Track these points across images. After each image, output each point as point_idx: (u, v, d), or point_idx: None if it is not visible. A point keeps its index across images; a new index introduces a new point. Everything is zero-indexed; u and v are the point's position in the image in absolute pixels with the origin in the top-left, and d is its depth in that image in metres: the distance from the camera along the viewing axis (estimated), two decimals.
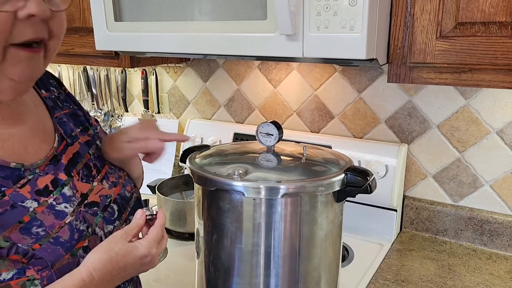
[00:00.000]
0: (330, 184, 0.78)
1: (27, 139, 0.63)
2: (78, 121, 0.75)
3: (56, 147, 0.66)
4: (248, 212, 0.78)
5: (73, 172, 0.67)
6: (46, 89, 0.73)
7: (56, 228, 0.59)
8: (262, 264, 0.80)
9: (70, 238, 0.60)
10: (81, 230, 0.62)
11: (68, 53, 1.38)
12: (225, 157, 0.90)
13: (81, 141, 0.72)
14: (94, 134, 0.77)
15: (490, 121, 1.12)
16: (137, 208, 0.75)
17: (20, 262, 0.55)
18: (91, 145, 0.74)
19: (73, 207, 0.63)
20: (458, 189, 1.19)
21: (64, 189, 0.63)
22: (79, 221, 0.62)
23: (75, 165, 0.68)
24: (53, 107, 0.72)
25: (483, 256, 1.13)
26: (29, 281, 0.55)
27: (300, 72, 1.35)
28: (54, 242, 0.58)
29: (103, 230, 0.66)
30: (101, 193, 0.69)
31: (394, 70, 0.91)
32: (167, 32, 1.04)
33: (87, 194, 0.67)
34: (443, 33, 0.83)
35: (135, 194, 0.77)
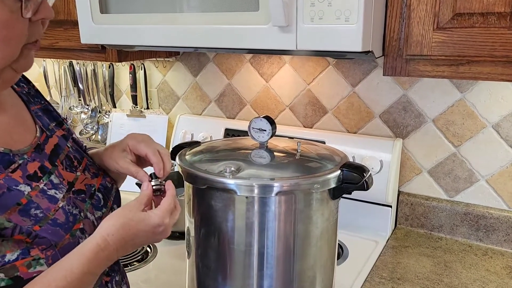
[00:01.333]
0: (325, 181, 0.75)
1: (11, 127, 0.64)
2: (52, 116, 0.75)
3: (38, 136, 0.67)
4: (241, 211, 0.75)
5: (56, 161, 0.68)
6: (17, 85, 0.72)
7: (52, 211, 0.61)
8: (255, 265, 0.77)
9: (67, 220, 0.62)
10: (74, 213, 0.64)
11: (53, 47, 1.33)
12: (216, 153, 0.87)
13: (58, 134, 0.72)
14: (68, 128, 0.77)
15: (486, 114, 1.10)
16: (118, 198, 0.78)
17: (24, 242, 0.56)
18: (68, 139, 0.74)
19: (63, 193, 0.64)
20: (453, 184, 1.18)
21: (51, 176, 0.64)
22: (71, 206, 0.64)
23: (58, 155, 0.69)
24: (28, 101, 0.71)
25: (479, 252, 1.11)
26: (34, 260, 0.57)
27: (293, 66, 1.32)
28: (53, 224, 0.60)
29: (94, 215, 0.68)
30: (85, 182, 0.70)
31: (390, 63, 0.88)
32: (156, 24, 1.00)
33: (73, 182, 0.68)
34: (440, 25, 0.81)
35: (115, 185, 0.78)
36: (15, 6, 0.55)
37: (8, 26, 0.55)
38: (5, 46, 0.56)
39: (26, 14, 0.56)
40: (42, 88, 1.85)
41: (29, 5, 0.56)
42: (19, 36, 0.57)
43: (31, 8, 0.57)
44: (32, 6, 0.57)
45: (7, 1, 0.54)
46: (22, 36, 0.58)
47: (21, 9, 0.56)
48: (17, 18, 0.56)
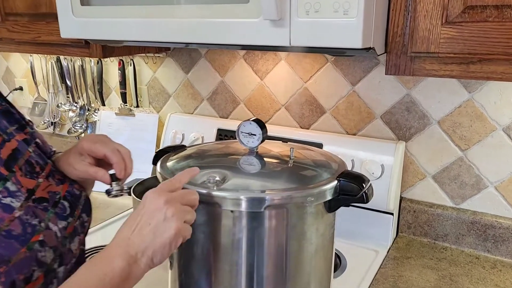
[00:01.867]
0: (320, 193, 0.68)
1: None
2: (13, 119, 0.68)
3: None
4: (226, 226, 0.67)
5: (14, 167, 0.61)
6: None
7: (6, 221, 0.56)
8: (243, 285, 0.70)
9: (24, 231, 0.57)
10: (33, 224, 0.59)
11: (35, 42, 1.25)
12: (201, 160, 0.80)
13: (18, 138, 0.65)
14: (32, 132, 0.70)
15: (496, 117, 1.02)
16: (88, 206, 0.71)
17: None
18: (30, 143, 0.67)
19: (20, 201, 0.59)
20: (459, 191, 1.10)
21: (6, 183, 0.58)
22: (29, 216, 0.59)
23: (16, 161, 0.62)
24: None
25: (487, 265, 1.04)
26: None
27: (289, 62, 1.24)
28: (7, 236, 0.55)
29: (57, 225, 0.62)
30: (48, 189, 0.64)
31: (393, 61, 0.80)
32: (141, 18, 0.92)
33: (33, 189, 0.62)
34: (450, 18, 0.73)
35: (84, 193, 0.72)
36: None
37: None
38: None
39: None
40: (30, 84, 1.77)
41: None
42: None
43: None
44: None
45: None
46: None
47: None
48: None
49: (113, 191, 0.69)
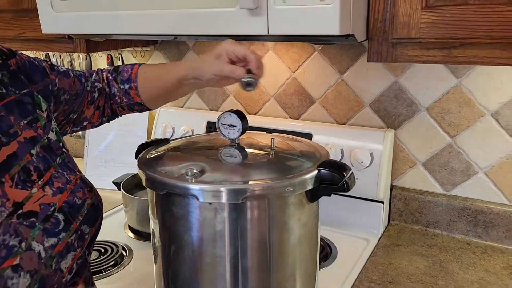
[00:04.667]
0: (300, 182, 0.67)
1: None
2: (24, 112, 0.64)
3: None
4: (206, 219, 0.67)
5: (4, 177, 0.57)
6: None
7: None
8: (227, 277, 0.70)
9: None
10: (10, 245, 0.54)
11: (20, 38, 1.24)
12: (183, 153, 0.79)
13: (23, 137, 0.62)
14: (44, 125, 0.66)
15: (485, 102, 1.01)
16: (92, 216, 0.66)
17: None
18: (36, 143, 0.63)
19: (1, 219, 0.54)
20: (450, 178, 1.09)
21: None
22: (8, 235, 0.53)
23: (9, 169, 0.58)
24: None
25: (477, 250, 1.03)
26: None
27: (276, 52, 1.22)
28: None
29: (43, 244, 0.57)
30: (41, 201, 0.59)
31: (375, 48, 0.79)
32: (122, 10, 0.91)
33: (22, 202, 0.57)
34: (430, 2, 0.72)
35: (89, 200, 0.66)
36: None
37: None
38: None
39: None
40: None
41: None
42: None
43: None
44: None
45: None
46: None
47: None
48: None
49: (247, 79, 0.73)
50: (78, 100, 0.81)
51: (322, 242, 1.09)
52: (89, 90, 0.83)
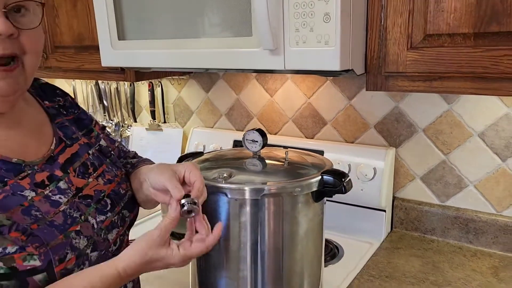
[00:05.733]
0: (306, 185, 0.85)
1: (26, 140, 0.74)
2: (82, 125, 0.86)
3: (53, 149, 0.76)
4: (232, 212, 0.86)
5: (69, 169, 0.77)
6: (49, 100, 0.83)
7: (51, 214, 0.69)
8: (248, 260, 0.88)
9: (64, 222, 0.70)
10: (74, 217, 0.72)
11: (79, 69, 1.49)
12: (215, 162, 0.99)
13: (82, 142, 0.82)
14: (97, 135, 0.87)
15: (472, 124, 1.17)
16: (131, 204, 0.85)
17: (20, 239, 0.64)
18: (92, 147, 0.84)
19: (68, 198, 0.73)
20: (444, 190, 1.25)
21: (59, 183, 0.73)
22: (73, 209, 0.72)
23: (73, 163, 0.78)
24: (55, 115, 0.82)
25: (468, 254, 1.18)
26: (29, 255, 0.64)
27: (294, 81, 1.43)
28: (50, 225, 0.68)
29: (95, 219, 0.75)
30: (96, 187, 0.79)
31: (372, 79, 0.98)
32: (164, 49, 1.13)
33: (82, 188, 0.76)
34: (413, 45, 0.90)
35: (130, 192, 0.86)
36: None
37: None
38: None
39: None
40: None
41: None
42: None
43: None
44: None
45: None
46: None
47: None
48: None
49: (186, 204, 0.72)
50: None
51: (331, 244, 1.26)
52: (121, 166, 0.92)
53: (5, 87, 0.67)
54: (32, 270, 0.64)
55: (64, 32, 1.46)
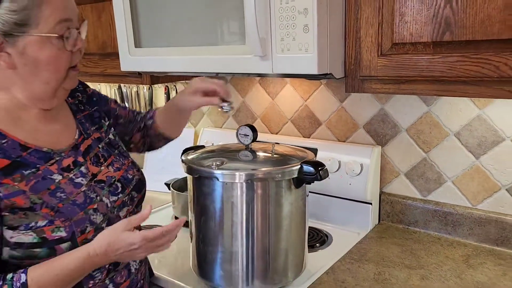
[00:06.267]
0: (286, 172, 1.00)
1: (60, 133, 0.92)
2: (94, 122, 1.03)
3: (76, 139, 0.94)
4: (225, 194, 1.00)
5: (87, 157, 0.94)
6: (72, 96, 1.01)
7: (74, 194, 0.86)
8: (239, 237, 1.02)
9: (84, 201, 0.86)
10: (91, 197, 0.88)
11: (103, 74, 1.67)
12: (213, 153, 1.14)
13: (94, 137, 0.99)
14: (106, 130, 1.04)
15: (449, 124, 1.29)
16: (138, 186, 1.02)
17: (49, 215, 0.81)
18: (102, 140, 1.01)
19: (87, 181, 0.90)
20: (425, 185, 1.36)
21: (81, 168, 0.90)
22: (91, 191, 0.89)
23: (89, 153, 0.95)
24: (76, 111, 1.00)
25: (445, 243, 1.28)
26: (57, 228, 0.81)
27: (293, 85, 1.57)
28: (72, 203, 0.84)
29: (109, 199, 0.92)
30: (107, 174, 0.95)
31: (350, 82, 1.11)
32: (174, 56, 1.30)
33: (96, 174, 0.93)
34: (383, 52, 1.03)
35: (137, 177, 1.02)
36: (60, 44, 0.82)
37: (57, 58, 0.83)
38: (55, 74, 0.85)
39: (68, 47, 0.84)
40: None
41: (68, 41, 0.84)
42: (65, 64, 0.85)
43: (70, 43, 0.84)
44: (71, 41, 0.84)
45: (54, 41, 0.82)
46: (66, 64, 0.85)
47: (63, 44, 0.83)
48: (63, 52, 0.83)
49: (226, 106, 1.04)
50: (131, 126, 1.19)
51: (321, 233, 1.39)
52: (138, 120, 1.21)
53: (74, 82, 0.91)
54: (59, 239, 0.81)
55: (91, 41, 1.65)
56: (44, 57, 0.82)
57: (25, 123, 0.86)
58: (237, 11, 1.11)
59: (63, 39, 0.82)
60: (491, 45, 0.88)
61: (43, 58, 0.82)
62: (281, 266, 1.06)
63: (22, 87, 0.85)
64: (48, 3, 0.80)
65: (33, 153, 0.84)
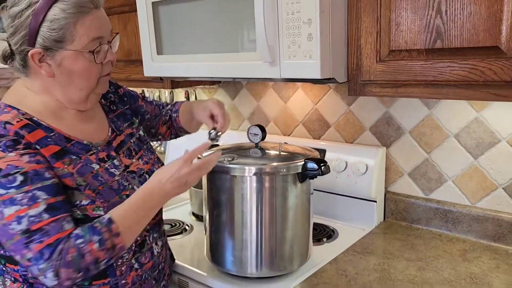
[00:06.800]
0: (290, 167, 1.09)
1: (96, 130, 1.06)
2: (126, 119, 1.16)
3: (109, 135, 1.08)
4: (235, 186, 1.11)
5: (119, 151, 1.07)
6: (104, 98, 1.15)
7: (110, 181, 0.99)
8: (248, 225, 1.12)
9: (118, 188, 1.00)
10: (124, 185, 1.01)
11: (128, 79, 1.81)
12: (226, 151, 1.25)
13: (126, 133, 1.13)
14: (136, 127, 1.17)
15: (449, 126, 1.36)
16: None
17: (91, 196, 0.94)
18: (133, 136, 1.14)
19: (120, 171, 1.03)
20: (427, 184, 1.43)
21: (114, 160, 1.04)
22: (123, 180, 1.02)
23: (122, 147, 1.09)
24: (108, 111, 1.13)
25: (445, 239, 1.35)
26: (97, 207, 0.94)
27: (304, 90, 1.67)
28: (110, 188, 0.98)
29: (139, 187, 1.02)
30: (138, 166, 1.09)
31: (352, 86, 1.20)
32: (193, 62, 1.42)
33: (128, 165, 1.06)
34: (381, 58, 1.12)
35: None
36: (91, 58, 0.95)
37: (89, 70, 0.96)
38: (87, 82, 0.98)
39: (98, 61, 0.97)
40: None
41: (99, 55, 0.96)
42: (95, 75, 0.98)
43: (100, 57, 0.97)
44: (101, 54, 0.97)
45: (86, 55, 0.94)
46: (97, 74, 0.98)
47: (94, 58, 0.96)
48: (93, 64, 0.96)
49: (213, 133, 1.16)
50: (156, 120, 1.33)
51: (328, 228, 1.48)
52: (163, 114, 1.35)
53: (105, 87, 1.04)
54: (98, 217, 0.93)
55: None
56: (78, 68, 0.95)
57: (66, 121, 1.00)
58: (248, 21, 1.22)
59: (94, 54, 0.95)
60: (477, 52, 0.96)
61: (77, 69, 0.95)
62: (287, 254, 1.15)
63: (61, 92, 0.98)
64: (83, 24, 0.92)
65: (75, 144, 0.98)
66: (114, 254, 0.90)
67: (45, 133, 0.93)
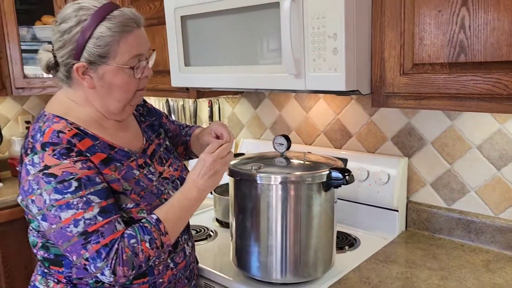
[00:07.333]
0: (315, 176, 1.13)
1: (132, 139, 1.12)
2: (154, 130, 1.22)
3: (144, 143, 1.14)
4: (261, 194, 1.15)
5: (153, 159, 1.13)
6: (136, 110, 1.21)
7: (150, 186, 1.05)
8: (273, 232, 1.16)
9: (157, 192, 1.05)
10: (161, 190, 1.07)
11: (154, 89, 1.87)
12: (252, 160, 1.29)
13: (156, 142, 1.19)
14: (164, 137, 1.23)
15: (471, 138, 1.38)
16: None
17: (136, 199, 1.00)
18: (162, 146, 1.20)
19: (156, 177, 1.08)
20: (450, 195, 1.45)
21: (150, 167, 1.09)
22: (160, 185, 1.08)
23: (154, 156, 1.15)
24: (140, 122, 1.19)
25: (467, 249, 1.36)
26: (141, 210, 1.00)
27: (326, 100, 1.70)
28: (150, 193, 1.04)
29: (173, 192, 1.08)
30: (169, 173, 1.14)
31: (376, 98, 1.24)
32: (219, 73, 1.47)
33: (162, 172, 1.12)
34: (405, 71, 1.15)
35: None
36: (130, 73, 1.01)
37: (128, 84, 1.02)
38: (125, 95, 1.03)
39: (137, 76, 1.03)
40: None
41: (138, 71, 1.03)
42: (133, 88, 1.04)
43: (139, 72, 1.03)
44: (140, 70, 1.03)
45: (126, 71, 1.00)
46: (134, 88, 1.04)
47: (133, 73, 1.02)
48: (132, 79, 1.02)
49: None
50: (176, 139, 1.39)
51: (350, 237, 1.50)
52: (183, 134, 1.40)
53: (139, 100, 1.09)
54: (141, 219, 0.99)
55: None
56: (118, 82, 1.01)
57: (107, 130, 1.06)
58: (274, 35, 1.26)
59: (134, 70, 1.01)
60: (500, 66, 0.99)
61: (117, 83, 1.01)
62: (311, 261, 1.18)
63: (100, 103, 1.04)
64: (125, 42, 0.99)
65: (118, 151, 1.04)
66: (162, 251, 0.97)
67: (92, 141, 1.00)
